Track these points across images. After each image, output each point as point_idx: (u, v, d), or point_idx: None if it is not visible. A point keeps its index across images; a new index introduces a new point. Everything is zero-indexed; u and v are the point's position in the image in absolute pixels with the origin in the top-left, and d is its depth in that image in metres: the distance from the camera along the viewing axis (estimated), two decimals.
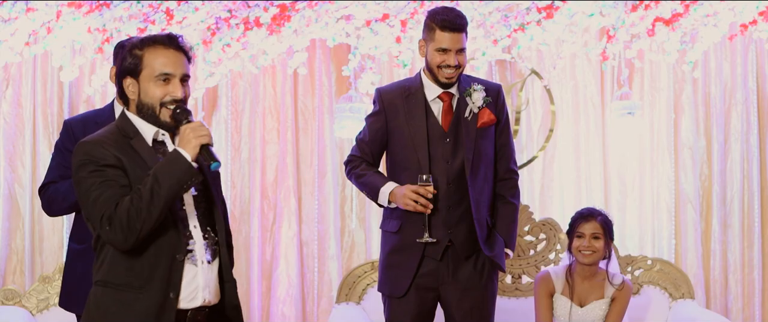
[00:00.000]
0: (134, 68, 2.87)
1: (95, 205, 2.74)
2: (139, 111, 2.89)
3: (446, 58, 3.91)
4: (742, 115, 5.82)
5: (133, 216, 2.70)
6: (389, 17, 5.44)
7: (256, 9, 5.43)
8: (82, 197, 2.77)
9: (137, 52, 2.86)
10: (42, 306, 4.89)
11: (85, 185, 2.76)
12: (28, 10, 5.36)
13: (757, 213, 5.83)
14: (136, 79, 2.87)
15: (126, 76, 2.88)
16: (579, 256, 4.42)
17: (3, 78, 5.67)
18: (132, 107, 2.91)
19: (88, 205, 2.76)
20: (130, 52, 2.87)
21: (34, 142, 5.69)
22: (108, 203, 2.73)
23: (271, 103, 5.79)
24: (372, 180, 4.01)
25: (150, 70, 2.85)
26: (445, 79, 3.95)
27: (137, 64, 2.86)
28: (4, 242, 5.65)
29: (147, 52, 2.86)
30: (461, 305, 4.00)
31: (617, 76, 5.74)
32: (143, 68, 2.86)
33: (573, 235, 4.45)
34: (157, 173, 2.74)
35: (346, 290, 5.01)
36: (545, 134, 5.81)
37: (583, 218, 4.46)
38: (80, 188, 2.77)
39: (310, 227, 5.77)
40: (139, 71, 2.86)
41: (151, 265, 2.79)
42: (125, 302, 2.78)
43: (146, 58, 2.85)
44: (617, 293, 4.45)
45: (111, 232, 2.72)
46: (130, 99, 2.90)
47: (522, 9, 5.50)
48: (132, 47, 2.88)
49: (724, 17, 5.50)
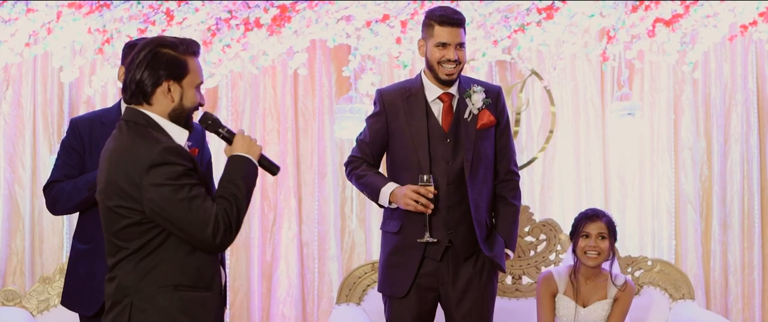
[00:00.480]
0: (180, 73, 2.85)
1: (201, 211, 2.75)
2: (176, 116, 2.87)
3: (446, 52, 3.91)
4: (742, 116, 5.83)
5: (240, 219, 2.81)
6: (389, 18, 5.44)
7: (257, 10, 5.43)
8: (181, 204, 2.73)
9: (181, 57, 2.85)
10: (42, 307, 4.89)
11: (183, 193, 2.74)
12: (28, 11, 5.36)
13: (757, 214, 5.83)
14: (180, 83, 2.85)
15: (169, 79, 2.84)
16: (584, 257, 4.40)
17: (3, 79, 5.67)
18: (165, 111, 2.86)
19: (191, 211, 2.74)
20: (173, 57, 2.84)
21: (34, 142, 5.69)
22: (212, 207, 2.76)
23: (272, 103, 5.79)
24: (372, 181, 4.01)
25: (193, 77, 2.88)
26: (446, 75, 3.95)
27: (184, 68, 2.85)
28: (4, 243, 5.65)
29: (189, 59, 2.87)
30: (461, 306, 4.00)
31: (617, 76, 5.74)
32: (188, 73, 2.86)
33: (578, 236, 4.43)
34: (245, 174, 2.87)
35: (347, 291, 5.01)
36: (545, 135, 5.81)
37: (588, 218, 4.44)
38: (178, 195, 2.73)
39: (310, 227, 5.77)
40: (183, 76, 2.85)
41: (212, 265, 2.87)
42: (202, 301, 2.84)
43: (190, 64, 2.87)
44: (620, 293, 4.45)
45: (226, 235, 2.78)
46: (164, 103, 2.85)
47: (522, 10, 5.51)
48: (172, 50, 2.85)
49: (724, 18, 5.50)
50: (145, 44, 2.87)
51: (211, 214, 2.75)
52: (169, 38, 2.89)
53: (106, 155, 2.86)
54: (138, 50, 2.86)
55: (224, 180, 2.87)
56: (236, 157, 2.91)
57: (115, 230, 2.82)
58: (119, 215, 2.79)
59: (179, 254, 2.80)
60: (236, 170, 2.88)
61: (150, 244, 2.80)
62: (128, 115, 2.88)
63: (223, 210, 2.78)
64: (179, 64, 2.85)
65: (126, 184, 2.77)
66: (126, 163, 2.77)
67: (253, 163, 2.92)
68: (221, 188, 2.85)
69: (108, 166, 2.82)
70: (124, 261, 2.82)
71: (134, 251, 2.81)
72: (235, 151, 2.93)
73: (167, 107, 2.86)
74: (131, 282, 2.81)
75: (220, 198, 2.81)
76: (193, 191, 2.75)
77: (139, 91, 2.85)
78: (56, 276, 4.92)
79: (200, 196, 2.76)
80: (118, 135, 2.87)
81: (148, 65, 2.83)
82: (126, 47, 3.76)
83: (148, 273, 2.80)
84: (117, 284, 2.83)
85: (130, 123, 2.85)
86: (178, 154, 2.77)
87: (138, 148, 2.78)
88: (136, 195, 2.76)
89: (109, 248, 2.87)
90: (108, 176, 2.82)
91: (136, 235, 2.79)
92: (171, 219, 2.75)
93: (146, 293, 2.80)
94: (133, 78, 2.85)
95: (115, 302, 2.84)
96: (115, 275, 2.84)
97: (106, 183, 2.82)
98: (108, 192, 2.82)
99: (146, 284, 2.80)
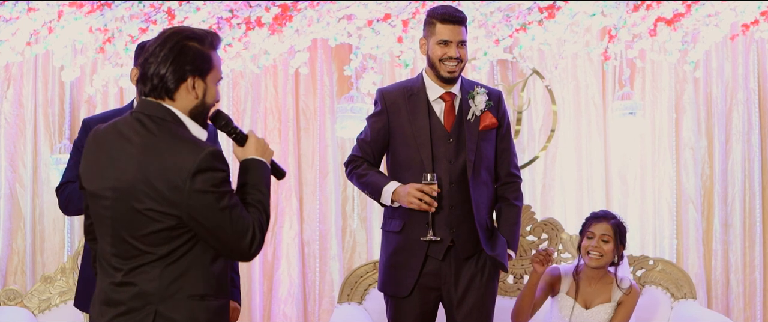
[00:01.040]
0: (206, 68, 2.71)
1: (240, 220, 2.65)
2: (197, 113, 2.73)
3: (448, 50, 3.92)
4: (743, 115, 5.83)
5: (267, 227, 2.74)
6: (391, 17, 5.44)
7: (258, 9, 5.43)
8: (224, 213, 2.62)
9: (207, 52, 2.71)
10: (43, 306, 4.89)
11: (225, 201, 2.63)
12: (29, 10, 5.36)
13: (759, 213, 5.83)
14: (204, 79, 2.71)
15: (194, 74, 2.69)
16: (586, 257, 4.39)
17: (4, 78, 5.67)
18: (187, 107, 2.71)
19: (232, 220, 2.63)
20: (199, 51, 2.69)
21: (35, 142, 5.68)
22: (248, 217, 2.68)
23: (273, 103, 5.79)
24: (374, 180, 4.01)
25: (216, 73, 2.75)
26: (448, 73, 3.95)
27: (209, 63, 2.71)
28: (5, 242, 5.65)
29: (213, 54, 2.73)
30: (462, 305, 4.00)
31: (619, 76, 5.74)
32: (212, 69, 2.72)
33: (584, 235, 4.43)
34: (266, 181, 2.78)
35: (348, 290, 5.01)
36: (547, 134, 5.81)
37: (596, 218, 4.43)
38: (220, 203, 2.61)
39: (311, 226, 5.77)
40: (208, 71, 2.71)
41: (226, 273, 2.78)
42: (223, 310, 2.76)
43: (214, 59, 2.73)
44: (624, 297, 4.41)
45: (260, 245, 2.69)
46: (187, 99, 2.70)
47: (523, 9, 5.51)
48: (199, 44, 2.70)
49: (726, 17, 5.50)
50: (170, 35, 2.69)
51: (248, 224, 2.66)
52: (195, 31, 2.72)
53: (133, 152, 2.65)
54: (161, 42, 2.68)
55: (248, 185, 2.76)
56: (254, 161, 2.80)
57: (140, 233, 2.64)
58: (149, 219, 2.62)
59: (204, 261, 2.69)
60: (257, 175, 2.78)
61: (178, 250, 2.66)
62: (150, 109, 2.69)
63: (257, 220, 2.69)
64: (205, 59, 2.70)
65: (165, 187, 2.60)
66: (164, 164, 2.60)
67: (267, 167, 2.82)
68: (247, 194, 2.74)
69: (136, 164, 2.63)
70: (146, 266, 2.66)
71: (161, 257, 2.65)
72: (248, 154, 2.82)
73: (190, 104, 2.70)
74: (156, 290, 2.65)
75: (250, 206, 2.71)
76: (232, 200, 2.65)
77: (162, 86, 2.67)
78: (58, 275, 4.91)
79: (238, 205, 2.66)
80: (142, 131, 2.67)
81: (174, 59, 2.66)
82: (139, 49, 3.70)
83: (175, 281, 2.66)
84: (137, 290, 2.66)
85: (157, 119, 2.67)
86: (222, 160, 2.64)
87: (179, 150, 2.62)
88: (177, 200, 2.60)
89: (123, 250, 2.68)
90: (136, 175, 2.62)
91: (166, 240, 2.64)
92: (210, 227, 2.62)
93: (174, 303, 2.66)
94: (156, 72, 2.67)
95: (132, 309, 2.67)
96: (132, 280, 2.67)
97: (132, 183, 2.63)
98: (135, 193, 2.62)
99: (173, 293, 2.66)
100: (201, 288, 2.68)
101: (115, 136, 2.71)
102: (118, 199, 2.65)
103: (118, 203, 2.65)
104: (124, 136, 2.68)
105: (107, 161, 2.69)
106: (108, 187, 2.67)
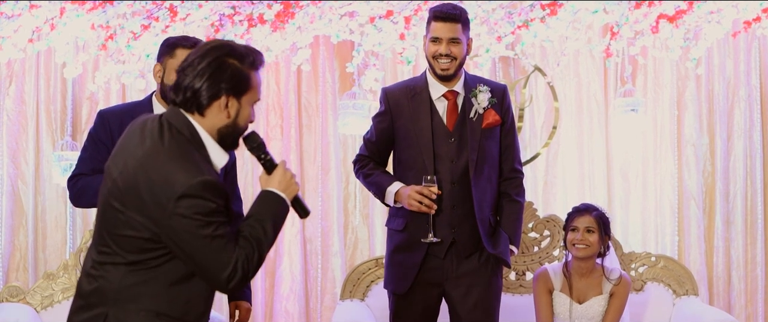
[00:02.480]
0: (242, 88, 2.59)
1: (222, 253, 2.52)
2: (226, 133, 2.63)
3: (439, 47, 3.94)
4: (745, 112, 5.83)
5: (258, 266, 2.59)
6: (393, 14, 5.44)
7: (260, 6, 5.43)
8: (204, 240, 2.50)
9: (246, 71, 2.59)
10: (46, 303, 4.89)
11: (208, 230, 2.50)
12: (31, 7, 5.36)
13: (760, 210, 5.83)
14: (239, 99, 2.60)
15: (229, 93, 2.58)
16: (573, 250, 4.46)
17: (6, 75, 5.67)
18: (215, 126, 2.61)
19: (212, 250, 2.51)
20: (237, 70, 2.58)
21: (37, 138, 5.68)
22: (233, 252, 2.53)
23: (275, 99, 5.79)
24: (379, 180, 4.04)
25: (253, 94, 2.62)
26: (441, 70, 3.97)
27: (247, 83, 2.59)
28: (7, 239, 5.65)
29: (253, 74, 2.60)
30: (465, 301, 4.01)
31: (621, 73, 5.74)
32: (250, 90, 2.61)
33: (568, 229, 4.49)
34: (276, 219, 2.65)
35: (351, 287, 5.01)
36: (549, 131, 5.81)
37: (578, 212, 4.51)
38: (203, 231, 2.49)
39: (313, 223, 5.77)
40: (245, 92, 2.60)
41: (205, 299, 2.65)
42: None
43: (253, 80, 2.61)
44: (615, 288, 4.47)
45: (241, 283, 2.55)
46: (218, 118, 2.60)
47: (525, 6, 5.50)
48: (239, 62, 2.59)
49: (728, 14, 5.50)
50: (212, 49, 2.59)
51: (231, 259, 2.52)
52: (238, 47, 2.61)
53: (139, 155, 2.58)
54: (202, 53, 2.58)
55: (252, 218, 2.63)
56: (271, 194, 2.67)
57: (116, 233, 2.58)
58: (128, 224, 2.55)
59: (171, 280, 2.57)
60: (267, 210, 2.65)
61: (148, 262, 2.56)
62: (174, 118, 2.61)
63: (244, 256, 2.54)
64: (243, 79, 2.58)
65: (150, 201, 2.52)
66: (156, 179, 2.52)
67: (286, 205, 2.68)
68: (246, 226, 2.61)
69: (134, 168, 2.56)
70: (111, 266, 2.59)
71: (128, 263, 2.57)
72: (270, 186, 2.69)
73: (220, 122, 2.60)
74: (113, 293, 2.57)
75: (244, 239, 2.57)
76: (219, 231, 2.51)
77: (194, 100, 2.58)
78: (60, 272, 4.91)
79: (225, 236, 2.52)
80: (157, 137, 2.59)
81: (211, 75, 2.56)
82: (164, 45, 3.58)
83: (135, 290, 2.56)
84: (97, 286, 2.60)
85: (175, 130, 2.59)
86: (214, 191, 2.52)
87: (175, 169, 2.52)
88: (158, 217, 2.51)
89: (100, 242, 2.62)
90: (130, 179, 2.56)
91: (138, 249, 2.55)
92: (188, 251, 2.52)
93: (126, 311, 2.57)
94: (190, 85, 2.57)
95: (89, 305, 2.61)
96: (98, 274, 2.61)
97: (124, 184, 2.57)
98: (123, 196, 2.57)
99: (128, 301, 2.57)
100: (160, 306, 2.57)
101: (139, 131, 2.65)
102: (112, 191, 2.60)
103: (111, 195, 2.60)
104: (144, 135, 2.61)
105: (124, 152, 2.64)
106: (113, 177, 2.61)
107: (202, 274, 2.56)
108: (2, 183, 5.66)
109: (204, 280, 2.58)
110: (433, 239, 3.93)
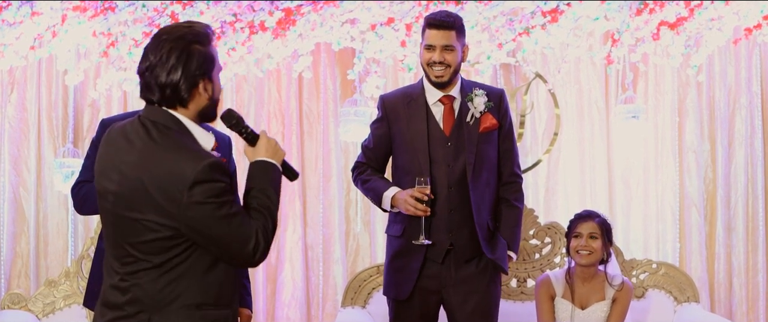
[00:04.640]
0: (210, 67, 2.65)
1: (242, 228, 2.58)
2: (208, 109, 2.69)
3: (432, 55, 3.97)
4: (746, 119, 5.83)
5: (274, 232, 2.67)
6: (394, 21, 5.44)
7: (261, 13, 5.44)
8: (223, 221, 2.56)
9: (209, 51, 2.65)
10: (48, 310, 4.89)
11: (225, 210, 2.56)
12: (33, 14, 5.37)
13: (762, 217, 5.83)
14: (211, 78, 2.66)
15: (204, 77, 2.64)
16: (576, 256, 4.47)
17: (8, 82, 5.68)
18: (198, 109, 2.67)
19: (232, 228, 2.57)
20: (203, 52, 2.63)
21: (39, 146, 5.69)
22: (251, 224, 2.61)
23: (276, 106, 5.80)
24: (376, 185, 4.06)
25: (218, 66, 2.69)
26: (435, 77, 3.99)
27: (212, 61, 2.65)
28: (9, 246, 5.65)
29: (213, 49, 2.67)
30: (464, 308, 4.01)
31: (622, 79, 5.74)
32: (215, 65, 2.67)
33: (571, 236, 4.50)
34: (275, 184, 2.72)
35: (352, 294, 5.01)
36: (550, 138, 5.82)
37: (581, 218, 4.52)
38: (219, 211, 2.55)
39: (315, 230, 5.78)
40: (212, 69, 2.66)
41: (233, 281, 2.71)
42: (220, 321, 2.68)
43: (215, 55, 2.68)
44: (617, 294, 4.49)
45: (264, 251, 2.63)
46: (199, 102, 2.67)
47: (527, 13, 5.51)
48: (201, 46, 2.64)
49: (729, 21, 5.50)
50: (174, 42, 2.63)
51: (251, 230, 2.59)
52: (194, 30, 2.65)
53: (134, 158, 2.61)
54: (166, 50, 2.62)
55: (254, 189, 2.70)
56: (263, 162, 2.73)
57: (136, 241, 2.60)
58: (145, 227, 2.58)
59: (201, 270, 2.62)
60: (265, 178, 2.71)
61: (175, 259, 2.60)
62: (155, 115, 2.64)
63: (261, 226, 2.62)
64: (208, 59, 2.64)
65: (163, 198, 2.55)
66: (162, 175, 2.55)
67: (278, 170, 2.75)
68: (252, 198, 2.68)
69: (135, 171, 2.59)
70: (141, 273, 2.62)
71: (156, 266, 2.61)
72: (258, 155, 2.75)
73: (201, 105, 2.65)
74: (150, 299, 2.62)
75: (255, 211, 2.65)
76: (233, 208, 2.58)
77: (175, 96, 2.63)
78: (62, 279, 4.92)
79: (240, 213, 2.60)
80: (145, 137, 2.63)
81: (183, 68, 2.61)
82: None
83: (170, 290, 2.61)
84: (132, 296, 2.63)
85: (161, 126, 2.63)
86: (221, 171, 2.58)
87: (177, 160, 2.57)
88: (174, 211, 2.55)
89: (121, 254, 2.65)
90: (134, 183, 2.59)
91: (162, 249, 2.59)
92: (211, 236, 2.57)
93: (168, 312, 2.62)
94: (168, 82, 2.61)
95: (128, 315, 2.64)
96: (128, 286, 2.63)
97: (129, 191, 2.59)
98: (133, 202, 2.59)
99: (168, 302, 2.61)
100: (197, 297, 2.62)
101: (122, 138, 2.67)
102: (118, 204, 2.62)
103: (118, 207, 2.62)
104: (130, 140, 2.64)
105: (112, 164, 2.66)
106: (111, 190, 2.64)
107: (226, 254, 2.62)
108: (4, 190, 5.67)
109: (229, 259, 2.64)
110: (425, 241, 3.94)
